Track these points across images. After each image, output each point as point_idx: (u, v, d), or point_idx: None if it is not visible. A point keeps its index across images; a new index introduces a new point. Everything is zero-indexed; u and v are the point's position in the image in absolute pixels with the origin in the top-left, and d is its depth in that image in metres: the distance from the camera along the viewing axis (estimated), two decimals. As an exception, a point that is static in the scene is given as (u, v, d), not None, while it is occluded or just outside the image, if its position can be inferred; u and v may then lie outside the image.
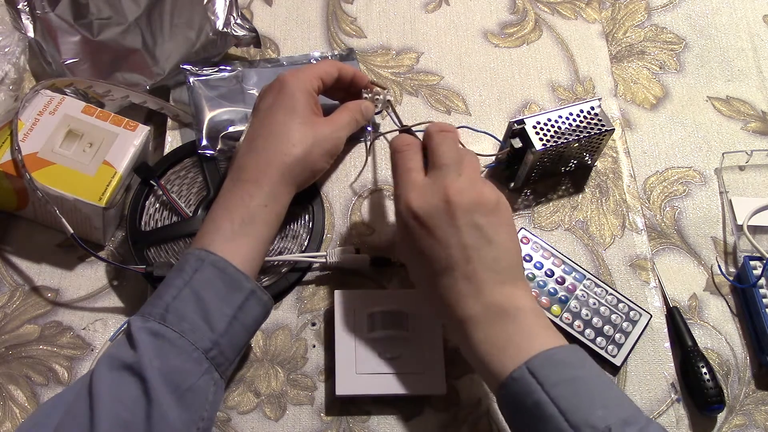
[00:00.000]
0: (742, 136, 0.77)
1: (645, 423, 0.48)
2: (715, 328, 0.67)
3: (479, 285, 0.53)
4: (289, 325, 0.64)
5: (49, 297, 0.65)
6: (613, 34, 0.82)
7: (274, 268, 0.65)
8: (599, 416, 0.47)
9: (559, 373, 0.49)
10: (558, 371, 0.50)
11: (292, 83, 0.62)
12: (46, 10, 0.73)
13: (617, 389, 0.51)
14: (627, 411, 0.48)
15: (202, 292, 0.53)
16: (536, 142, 0.66)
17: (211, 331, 0.52)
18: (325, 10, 0.80)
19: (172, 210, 0.66)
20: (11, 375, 0.61)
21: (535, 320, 0.53)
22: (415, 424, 0.61)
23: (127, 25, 0.73)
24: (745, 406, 0.64)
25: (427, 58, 0.78)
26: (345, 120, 0.66)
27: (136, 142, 0.65)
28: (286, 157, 0.60)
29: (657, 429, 0.48)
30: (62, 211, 0.60)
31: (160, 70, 0.71)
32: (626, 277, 0.68)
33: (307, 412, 0.61)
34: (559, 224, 0.70)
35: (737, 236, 0.71)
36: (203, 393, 0.51)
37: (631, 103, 0.78)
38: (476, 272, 0.53)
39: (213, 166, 0.68)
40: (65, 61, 0.71)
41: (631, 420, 0.47)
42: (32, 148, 0.62)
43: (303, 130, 0.61)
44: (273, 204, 0.59)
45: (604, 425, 0.46)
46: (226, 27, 0.72)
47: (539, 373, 0.49)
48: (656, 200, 0.73)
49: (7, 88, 0.66)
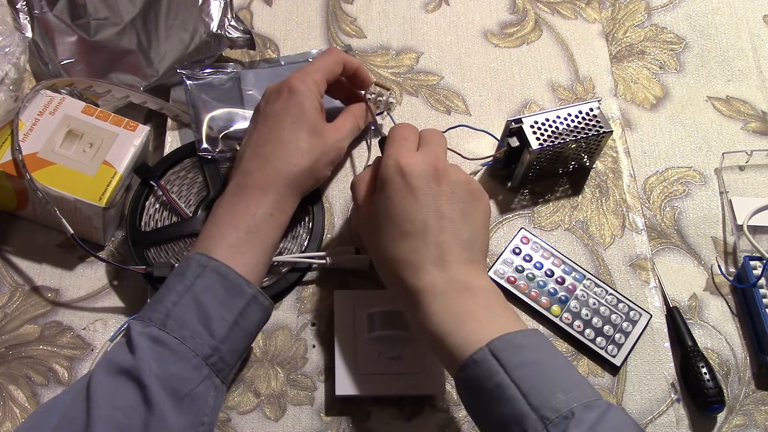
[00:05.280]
0: (742, 136, 0.77)
1: (606, 407, 0.47)
2: (715, 328, 0.67)
3: (447, 256, 0.53)
4: (289, 325, 0.64)
5: (49, 297, 0.65)
6: (613, 34, 0.82)
7: (274, 269, 0.65)
8: (561, 400, 0.47)
9: (522, 356, 0.49)
10: (520, 354, 0.49)
11: (301, 90, 0.61)
12: (44, 10, 0.73)
13: (578, 374, 0.51)
14: (588, 395, 0.48)
15: (203, 298, 0.53)
16: (533, 142, 0.66)
17: (212, 337, 0.52)
18: (325, 10, 0.80)
19: (172, 210, 0.66)
20: (11, 375, 0.61)
21: (496, 301, 0.53)
22: (415, 424, 0.61)
23: (123, 25, 0.73)
24: (745, 406, 0.64)
25: (427, 58, 0.78)
26: (349, 127, 0.66)
27: (136, 142, 0.65)
28: (294, 167, 0.60)
29: (618, 413, 0.47)
30: (62, 212, 0.60)
31: (154, 72, 0.71)
32: (626, 277, 0.68)
33: (307, 412, 0.61)
34: (559, 224, 0.70)
35: (737, 236, 0.71)
36: (203, 398, 0.51)
37: (631, 103, 0.78)
38: (447, 243, 0.54)
39: (213, 167, 0.68)
40: (61, 61, 0.71)
41: (593, 405, 0.47)
42: (32, 148, 0.62)
43: (311, 140, 0.61)
44: (278, 213, 0.59)
45: (567, 408, 0.46)
46: (220, 29, 0.71)
47: (501, 355, 0.49)
48: (656, 200, 0.73)
49: (8, 89, 0.66)
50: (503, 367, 0.48)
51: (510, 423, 0.47)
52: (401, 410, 0.61)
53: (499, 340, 0.49)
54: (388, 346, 0.61)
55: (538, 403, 0.47)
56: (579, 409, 0.46)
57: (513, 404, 0.47)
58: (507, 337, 0.50)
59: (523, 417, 0.47)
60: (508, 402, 0.47)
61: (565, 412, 0.46)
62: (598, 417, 0.46)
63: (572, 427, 0.45)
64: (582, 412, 0.46)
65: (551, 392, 0.47)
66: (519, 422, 0.47)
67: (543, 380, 0.48)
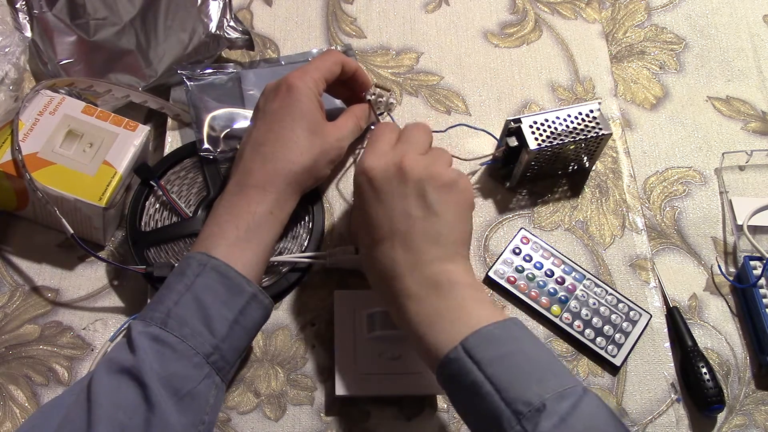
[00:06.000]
0: (742, 136, 0.77)
1: (580, 395, 0.47)
2: (715, 328, 0.67)
3: (416, 257, 0.53)
4: (289, 325, 0.64)
5: (49, 297, 0.65)
6: (613, 34, 0.82)
7: (274, 268, 0.65)
8: (534, 392, 0.47)
9: (495, 350, 0.49)
10: (493, 348, 0.49)
11: (299, 87, 0.61)
12: (43, 10, 0.73)
13: (555, 360, 0.51)
14: (564, 383, 0.48)
15: (203, 296, 0.53)
16: (531, 142, 0.66)
17: (212, 335, 0.52)
18: (325, 10, 0.80)
19: (172, 210, 0.66)
20: (11, 375, 0.61)
21: (471, 294, 0.53)
22: (415, 424, 0.61)
23: (122, 25, 0.73)
24: (745, 406, 0.64)
25: (427, 58, 0.78)
26: (350, 127, 0.66)
27: (136, 142, 0.65)
28: (294, 165, 0.60)
29: (593, 400, 0.48)
30: (62, 211, 0.60)
31: (153, 72, 0.71)
32: (626, 277, 0.68)
33: (307, 412, 0.61)
34: (559, 224, 0.70)
35: (737, 236, 0.71)
36: (204, 397, 0.51)
37: (631, 103, 0.78)
38: (414, 243, 0.53)
39: (213, 167, 0.68)
40: (60, 61, 0.71)
41: (568, 393, 0.47)
42: (32, 148, 0.62)
43: (311, 138, 0.61)
44: (278, 212, 0.59)
45: (539, 401, 0.46)
46: (219, 30, 0.71)
47: (474, 352, 0.49)
48: (656, 200, 0.73)
49: (7, 88, 0.66)
50: (477, 364, 0.49)
51: (488, 418, 0.48)
52: (401, 410, 0.61)
53: (474, 335, 0.50)
54: (388, 346, 0.61)
55: (512, 397, 0.47)
56: (552, 399, 0.46)
57: (489, 401, 0.48)
58: (482, 332, 0.50)
59: (499, 413, 0.47)
60: (484, 398, 0.48)
61: (538, 405, 0.46)
62: (571, 407, 0.46)
63: (544, 419, 0.45)
64: (555, 403, 0.46)
65: (526, 384, 0.48)
66: (495, 418, 0.47)
67: (516, 373, 0.48)
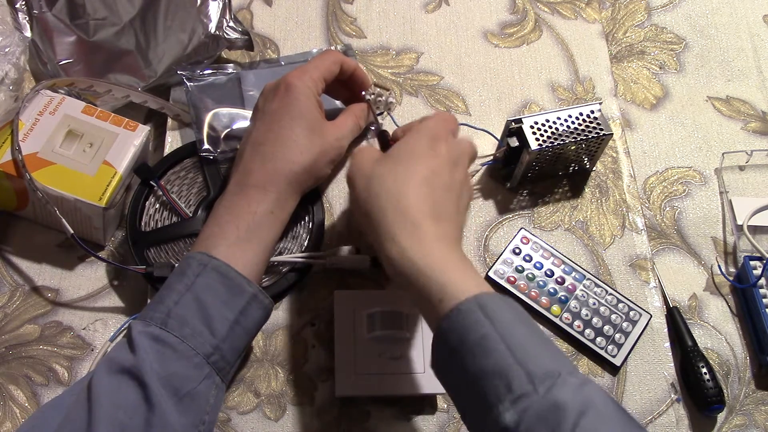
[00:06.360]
0: (742, 136, 0.77)
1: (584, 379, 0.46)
2: (715, 328, 0.67)
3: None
4: (289, 325, 0.64)
5: (49, 297, 0.65)
6: (613, 34, 0.82)
7: (274, 268, 0.65)
8: (550, 362, 0.46)
9: (511, 314, 0.48)
10: (509, 312, 0.48)
11: (298, 86, 0.61)
12: (43, 10, 0.73)
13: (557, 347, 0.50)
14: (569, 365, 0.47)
15: (203, 296, 0.53)
16: (532, 142, 0.66)
17: (213, 336, 0.52)
18: (325, 10, 0.80)
19: (172, 210, 0.66)
20: (11, 375, 0.61)
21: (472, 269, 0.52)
22: (415, 424, 0.61)
23: (121, 25, 0.73)
24: (745, 406, 0.64)
25: (427, 58, 0.78)
26: (349, 126, 0.66)
27: (136, 142, 0.65)
28: (294, 165, 0.60)
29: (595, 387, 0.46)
30: (62, 211, 0.60)
31: (152, 73, 0.71)
32: (626, 277, 0.68)
33: (307, 412, 0.61)
34: (559, 224, 0.70)
35: (737, 236, 0.71)
36: (204, 397, 0.51)
37: (631, 103, 0.78)
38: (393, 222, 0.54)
39: (213, 167, 0.68)
40: (60, 61, 0.71)
41: (576, 374, 0.46)
42: (32, 148, 0.62)
43: (311, 137, 0.61)
44: (279, 211, 0.59)
45: (555, 369, 0.45)
46: (219, 30, 0.71)
47: (489, 309, 0.48)
48: (656, 200, 0.73)
49: (7, 88, 0.66)
50: (490, 320, 0.47)
51: (491, 376, 0.46)
52: (401, 410, 0.61)
53: (489, 295, 0.49)
54: (388, 346, 0.61)
55: (524, 358, 0.46)
56: (566, 373, 0.45)
57: (497, 357, 0.46)
58: (497, 296, 0.49)
59: (508, 369, 0.45)
60: (491, 354, 0.46)
61: (552, 371, 0.45)
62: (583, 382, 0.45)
63: (559, 384, 0.44)
64: (569, 376, 0.45)
65: (541, 353, 0.47)
66: (502, 375, 0.45)
67: (532, 341, 0.47)
